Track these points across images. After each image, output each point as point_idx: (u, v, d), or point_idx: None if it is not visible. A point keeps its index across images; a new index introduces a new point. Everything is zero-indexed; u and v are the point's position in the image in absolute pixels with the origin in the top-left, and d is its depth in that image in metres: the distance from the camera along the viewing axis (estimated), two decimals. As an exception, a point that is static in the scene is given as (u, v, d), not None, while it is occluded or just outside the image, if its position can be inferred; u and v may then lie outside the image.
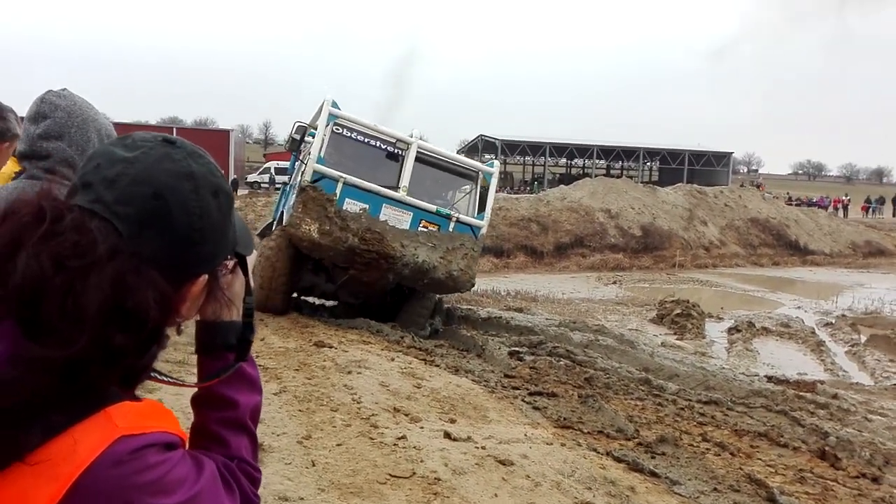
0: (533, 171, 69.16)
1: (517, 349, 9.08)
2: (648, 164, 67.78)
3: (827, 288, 21.84)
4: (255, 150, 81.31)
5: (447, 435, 4.49)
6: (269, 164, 45.84)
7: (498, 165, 9.80)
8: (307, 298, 9.95)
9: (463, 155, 10.63)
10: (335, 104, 8.64)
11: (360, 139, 8.81)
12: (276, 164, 41.71)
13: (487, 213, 9.11)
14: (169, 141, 0.91)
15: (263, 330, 7.23)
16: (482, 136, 63.64)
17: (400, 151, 8.84)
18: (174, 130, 40.99)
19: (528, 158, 67.65)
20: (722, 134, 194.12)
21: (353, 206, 8.29)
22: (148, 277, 0.82)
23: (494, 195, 9.50)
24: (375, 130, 8.88)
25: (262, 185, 40.91)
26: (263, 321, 7.78)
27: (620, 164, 67.76)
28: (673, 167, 61.86)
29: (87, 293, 0.77)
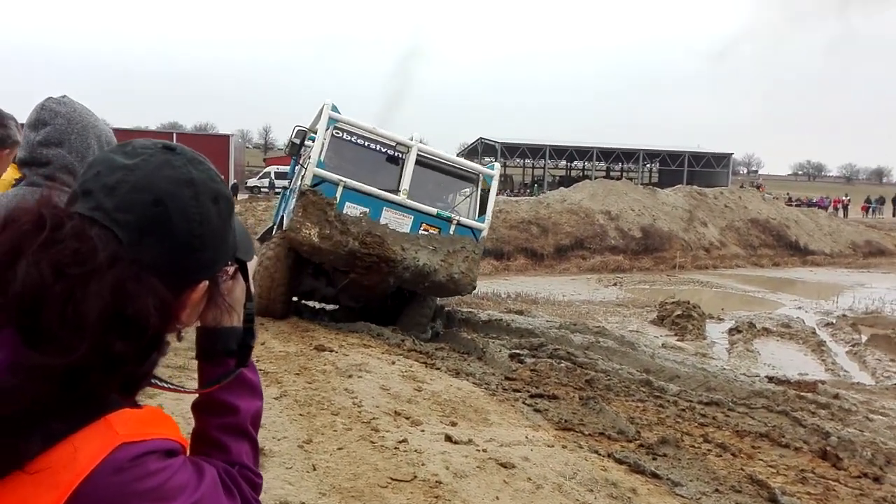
0: (533, 173, 69.15)
1: (518, 352, 9.07)
2: (648, 165, 67.80)
3: (827, 288, 21.85)
4: (255, 154, 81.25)
5: (448, 438, 4.49)
6: (268, 168, 45.77)
7: (498, 168, 9.75)
8: (307, 302, 9.94)
9: (463, 158, 10.59)
10: (335, 108, 8.62)
11: (360, 143, 8.79)
12: (275, 168, 41.68)
13: (488, 215, 9.09)
14: (169, 148, 0.91)
15: (264, 334, 7.22)
16: (482, 138, 63.67)
17: (400, 155, 8.82)
18: (174, 135, 41.00)
19: (527, 161, 67.66)
20: (722, 134, 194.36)
21: (353, 209, 8.27)
22: (148, 284, 0.82)
23: (495, 198, 9.48)
24: (375, 134, 8.86)
25: (261, 189, 40.90)
26: (264, 325, 7.78)
27: (620, 165, 67.80)
28: (673, 169, 61.85)
29: (87, 301, 0.77)
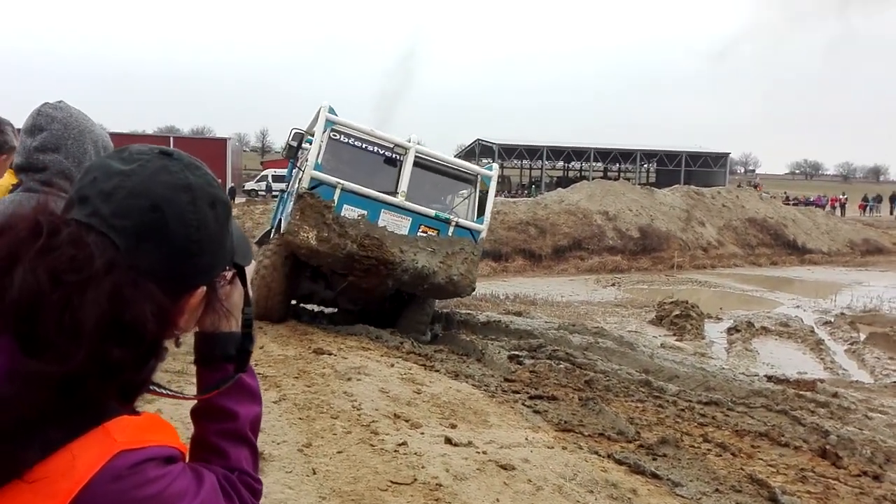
0: (530, 174, 69.17)
1: (517, 353, 9.06)
2: (645, 165, 67.80)
3: (825, 287, 21.89)
4: (252, 157, 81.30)
5: (448, 440, 4.48)
6: (266, 171, 45.74)
7: (497, 168, 9.72)
8: (306, 306, 9.92)
9: (460, 159, 10.57)
10: (332, 110, 8.58)
11: (357, 145, 8.75)
12: (273, 171, 41.65)
13: (487, 216, 9.05)
14: (166, 153, 0.91)
15: (262, 338, 7.21)
16: (479, 140, 63.65)
17: (398, 156, 8.77)
18: (171, 139, 40.94)
19: (525, 162, 67.67)
20: (719, 134, 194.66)
21: (351, 212, 8.23)
22: (145, 291, 0.82)
23: (493, 199, 9.46)
24: (373, 136, 8.81)
25: (259, 192, 40.88)
26: (262, 329, 7.76)
27: (617, 166, 67.82)
28: (670, 169, 61.84)
29: (84, 308, 0.77)
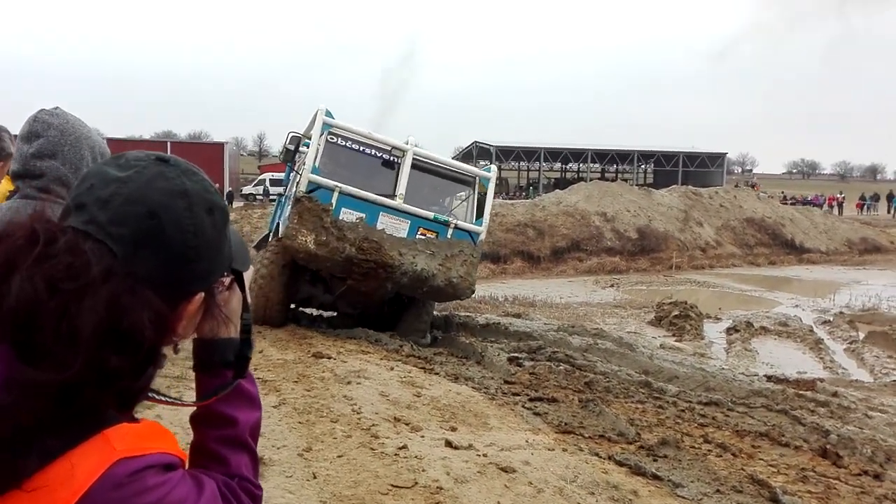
0: (528, 176, 69.23)
1: (516, 355, 9.05)
2: (643, 166, 67.89)
3: (824, 286, 21.91)
4: (249, 162, 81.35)
5: (448, 443, 4.48)
6: (263, 175, 45.74)
7: (495, 170, 9.71)
8: (305, 309, 9.90)
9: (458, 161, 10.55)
10: (329, 113, 8.54)
11: (355, 148, 8.71)
12: (270, 175, 41.65)
13: (486, 218, 9.02)
14: (162, 159, 0.90)
15: (261, 342, 7.20)
16: (476, 142, 63.71)
17: (395, 159, 8.74)
18: (168, 144, 41.00)
19: (522, 164, 67.75)
20: (716, 134, 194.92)
21: (349, 215, 8.22)
22: (143, 298, 0.81)
23: (492, 200, 9.45)
24: (370, 138, 8.77)
25: (256, 197, 40.87)
26: (261, 333, 7.76)
27: (615, 167, 67.93)
28: (667, 169, 61.93)
29: (81, 316, 0.77)
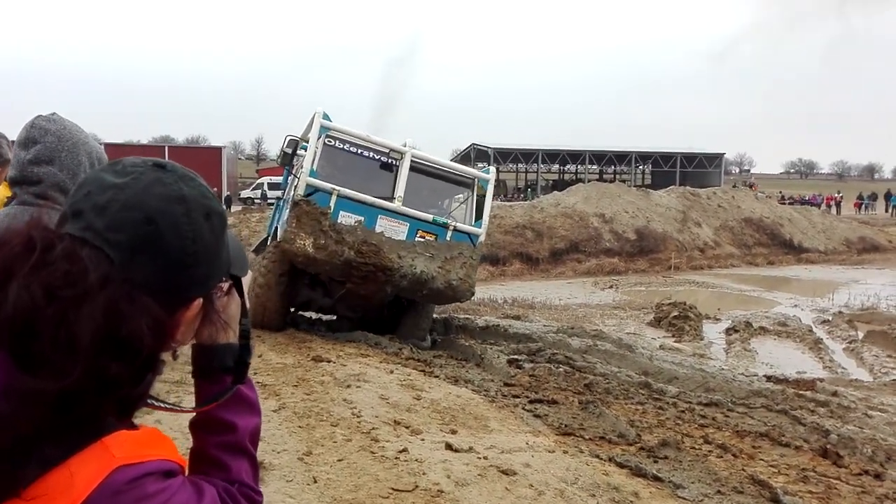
0: (526, 178, 69.28)
1: (516, 357, 9.04)
2: (641, 167, 67.95)
3: (822, 285, 21.92)
4: (247, 166, 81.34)
5: (449, 446, 4.47)
6: (261, 179, 45.75)
7: (494, 172, 9.71)
8: (304, 313, 9.89)
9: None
10: (326, 116, 8.51)
11: (352, 150, 8.68)
12: (268, 179, 41.66)
13: (485, 220, 9.01)
14: (159, 165, 0.90)
15: (261, 346, 7.19)
16: (474, 144, 63.73)
17: (394, 161, 8.72)
18: (166, 148, 40.97)
19: (520, 166, 67.78)
20: (714, 134, 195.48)
21: (348, 218, 8.19)
22: (141, 304, 0.81)
23: (491, 202, 9.44)
24: (368, 141, 8.74)
25: (254, 200, 40.87)
26: (260, 337, 7.74)
27: (613, 168, 67.95)
28: (665, 170, 61.98)
29: (79, 323, 0.76)
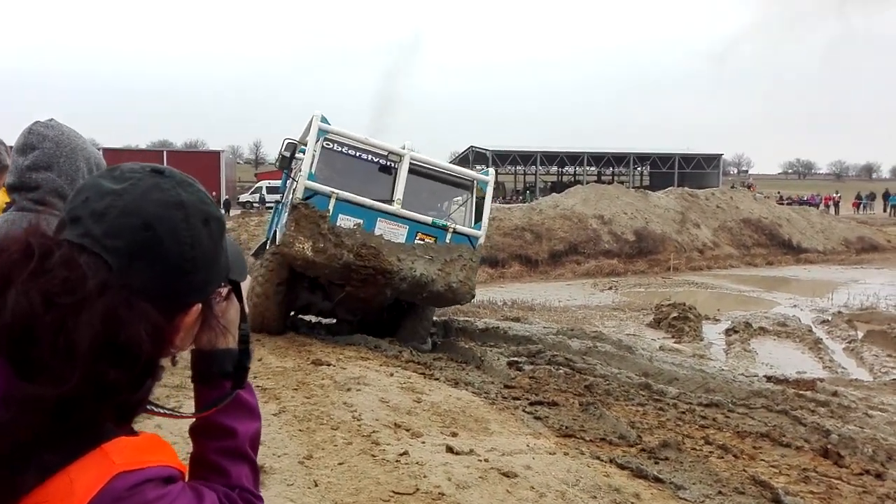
0: (524, 180, 69.34)
1: (516, 359, 9.04)
2: (639, 168, 68.04)
3: (822, 285, 21.93)
4: (246, 169, 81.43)
5: (449, 449, 4.47)
6: (260, 183, 45.75)
7: (493, 174, 9.69)
8: (304, 317, 9.88)
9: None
10: (324, 119, 8.49)
11: (351, 153, 8.67)
12: (267, 182, 41.66)
13: (484, 222, 8.99)
14: (157, 171, 0.90)
15: (261, 350, 7.18)
16: (473, 146, 63.79)
17: (392, 164, 8.70)
18: (164, 153, 41.03)
19: (519, 168, 67.84)
20: (712, 135, 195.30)
21: (346, 221, 8.17)
22: (139, 310, 0.81)
23: (490, 204, 9.43)
24: (366, 144, 8.73)
25: (253, 204, 40.86)
26: (260, 341, 7.73)
27: (611, 170, 67.95)
28: (663, 171, 62.02)
29: (78, 329, 0.76)
